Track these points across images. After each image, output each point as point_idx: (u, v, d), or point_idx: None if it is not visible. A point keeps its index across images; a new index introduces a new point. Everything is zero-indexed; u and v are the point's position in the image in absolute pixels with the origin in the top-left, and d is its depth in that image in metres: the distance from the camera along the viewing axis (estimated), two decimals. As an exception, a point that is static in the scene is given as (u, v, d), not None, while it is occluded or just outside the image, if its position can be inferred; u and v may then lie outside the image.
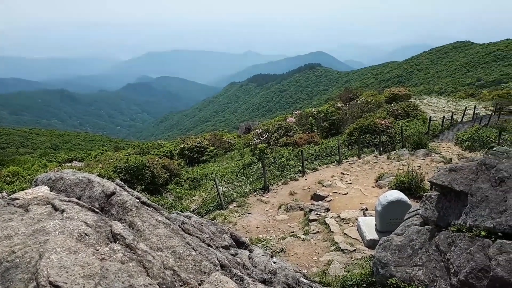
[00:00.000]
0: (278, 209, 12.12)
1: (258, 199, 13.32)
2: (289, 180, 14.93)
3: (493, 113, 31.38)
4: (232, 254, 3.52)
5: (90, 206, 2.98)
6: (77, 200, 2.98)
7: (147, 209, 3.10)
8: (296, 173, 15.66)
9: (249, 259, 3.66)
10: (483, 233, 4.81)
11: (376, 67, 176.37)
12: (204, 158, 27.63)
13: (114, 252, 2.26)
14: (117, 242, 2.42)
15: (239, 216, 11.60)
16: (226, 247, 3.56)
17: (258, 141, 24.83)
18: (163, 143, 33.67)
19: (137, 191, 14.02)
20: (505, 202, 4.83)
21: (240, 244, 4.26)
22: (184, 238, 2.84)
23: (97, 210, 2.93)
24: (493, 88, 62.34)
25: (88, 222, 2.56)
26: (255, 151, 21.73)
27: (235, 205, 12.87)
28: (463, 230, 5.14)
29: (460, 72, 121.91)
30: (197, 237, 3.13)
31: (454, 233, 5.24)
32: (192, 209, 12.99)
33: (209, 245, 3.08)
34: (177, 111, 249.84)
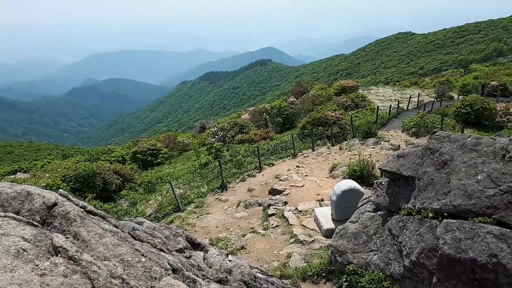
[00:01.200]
0: (237, 206, 12.09)
1: (216, 198, 13.21)
2: (246, 176, 14.93)
3: (435, 100, 33.25)
4: (186, 257, 3.43)
5: (30, 220, 2.77)
6: (13, 215, 2.76)
7: (93, 218, 2.93)
8: (253, 169, 15.70)
9: (204, 260, 3.59)
10: (430, 214, 5.05)
11: (325, 61, 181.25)
12: (159, 160, 27.00)
13: (55, 266, 2.12)
14: (59, 255, 2.26)
15: (197, 217, 11.44)
16: (180, 250, 3.47)
17: (213, 139, 24.64)
18: (114, 148, 32.52)
19: (89, 200, 13.39)
20: (448, 184, 5.09)
21: (195, 246, 4.17)
22: (133, 245, 2.71)
23: (37, 224, 2.73)
24: (434, 75, 66.09)
25: (26, 237, 2.38)
26: (211, 150, 21.54)
27: (193, 206, 12.68)
28: (413, 213, 5.37)
29: (404, 62, 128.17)
30: (148, 242, 3.01)
31: (405, 216, 5.46)
32: (148, 213, 12.64)
33: (161, 250, 2.98)
34: (128, 114, 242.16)
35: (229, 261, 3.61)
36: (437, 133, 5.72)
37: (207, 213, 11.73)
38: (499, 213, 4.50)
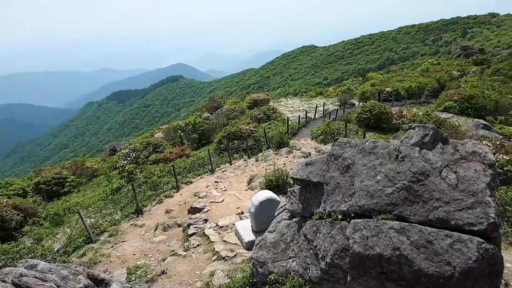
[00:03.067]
0: (155, 230, 11.59)
1: (132, 224, 12.52)
2: (163, 198, 14.43)
3: (339, 107, 35.75)
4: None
5: None
6: None
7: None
8: (170, 189, 15.24)
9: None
10: (340, 216, 5.35)
11: (237, 75, 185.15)
12: (65, 189, 24.87)
13: None
14: None
15: (112, 247, 10.70)
16: (85, 289, 3.18)
17: (125, 162, 23.46)
18: (12, 180, 29.19)
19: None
20: (353, 186, 5.45)
21: (99, 282, 3.88)
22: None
23: None
24: (337, 85, 71.37)
25: None
26: (123, 173, 20.46)
27: (106, 236, 11.84)
28: (324, 217, 5.63)
29: (309, 73, 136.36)
30: None
31: (317, 221, 5.70)
32: (56, 249, 11.50)
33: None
34: (28, 141, 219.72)
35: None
36: (339, 140, 6.11)
37: (122, 241, 11.04)
38: (398, 209, 4.93)
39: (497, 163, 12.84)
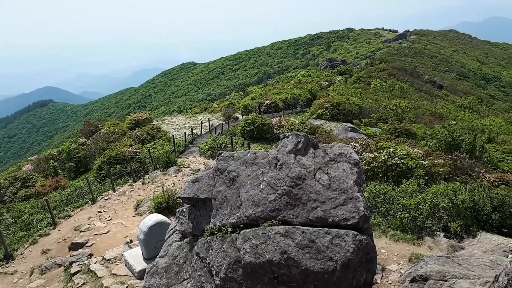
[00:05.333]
0: (31, 275, 10.18)
1: (0, 272, 10.79)
2: (38, 237, 12.77)
3: (224, 122, 36.47)
4: None
5: None
6: None
7: None
8: (46, 226, 13.58)
9: None
10: (229, 229, 5.41)
11: (115, 95, 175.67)
12: None
13: None
14: None
15: (-25, 305, 9.07)
16: None
17: (-13, 202, 20.22)
18: None
19: None
20: (239, 197, 5.57)
21: None
22: None
23: None
24: (220, 100, 72.86)
25: None
26: (-15, 215, 17.58)
27: (-34, 293, 9.99)
28: (215, 232, 5.63)
29: (193, 90, 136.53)
30: None
31: (209, 237, 5.68)
32: None
33: None
34: None
35: None
36: (222, 154, 6.22)
37: (-12, 296, 9.45)
38: (282, 214, 5.19)
39: (364, 161, 14.56)
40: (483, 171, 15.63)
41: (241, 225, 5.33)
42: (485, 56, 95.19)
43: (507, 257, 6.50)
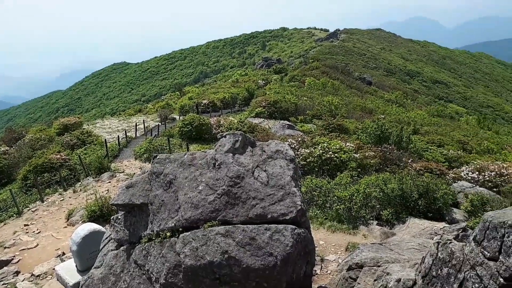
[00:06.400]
0: None
1: None
2: (-47, 259, 11.51)
3: (160, 123, 35.49)
4: None
5: None
6: None
7: None
8: (-38, 246, 12.27)
9: None
10: (168, 234, 5.25)
11: (41, 99, 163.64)
12: None
13: None
14: None
15: None
16: None
17: None
18: None
19: None
20: (177, 201, 5.44)
21: None
22: None
23: None
24: (156, 101, 70.75)
25: None
26: None
27: None
28: (153, 238, 5.44)
29: (126, 91, 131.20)
30: None
31: (146, 244, 5.47)
32: None
33: None
34: None
35: None
36: (158, 157, 6.02)
37: None
38: (221, 214, 5.15)
39: (301, 156, 14.97)
40: (410, 161, 16.86)
41: (180, 229, 5.20)
42: (409, 53, 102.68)
43: (432, 239, 7.05)
